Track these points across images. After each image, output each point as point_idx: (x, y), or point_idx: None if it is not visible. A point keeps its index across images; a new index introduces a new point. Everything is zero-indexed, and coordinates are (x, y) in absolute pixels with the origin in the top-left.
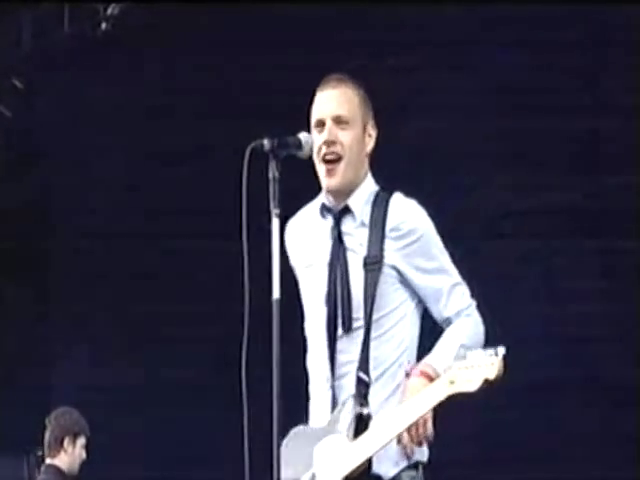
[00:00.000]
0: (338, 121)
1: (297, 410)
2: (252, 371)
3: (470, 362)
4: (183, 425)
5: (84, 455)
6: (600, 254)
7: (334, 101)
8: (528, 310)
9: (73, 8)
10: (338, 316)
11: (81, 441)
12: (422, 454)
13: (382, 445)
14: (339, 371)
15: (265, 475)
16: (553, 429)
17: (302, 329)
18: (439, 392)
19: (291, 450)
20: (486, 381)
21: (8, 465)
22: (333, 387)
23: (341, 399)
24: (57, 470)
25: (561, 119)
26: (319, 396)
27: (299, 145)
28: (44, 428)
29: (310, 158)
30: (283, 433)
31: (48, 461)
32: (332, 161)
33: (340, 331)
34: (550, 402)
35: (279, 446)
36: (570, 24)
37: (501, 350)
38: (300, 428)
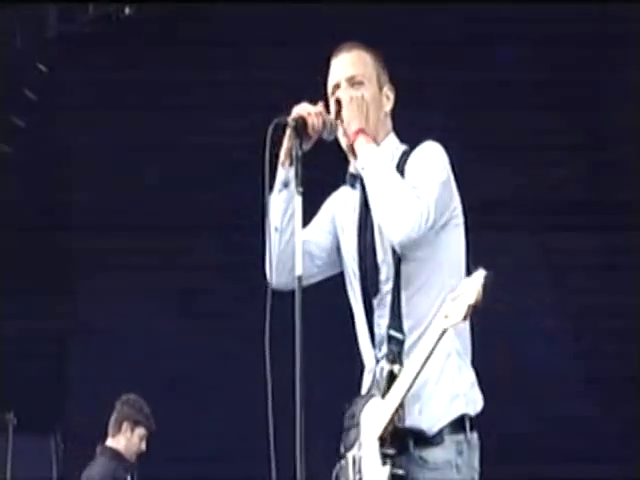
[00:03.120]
0: (352, 82)
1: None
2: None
3: (457, 292)
4: None
5: (143, 447)
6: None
7: (348, 63)
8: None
9: None
10: (368, 282)
11: (139, 431)
12: (466, 405)
13: (402, 395)
14: (380, 337)
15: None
16: (557, 424)
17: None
18: (437, 328)
19: (347, 420)
20: (469, 307)
21: (35, 443)
22: (376, 355)
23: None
24: (113, 451)
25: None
26: (368, 364)
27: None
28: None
29: (335, 139)
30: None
31: (107, 442)
32: None
33: (375, 297)
34: (556, 396)
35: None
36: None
37: (479, 273)
38: (355, 399)
